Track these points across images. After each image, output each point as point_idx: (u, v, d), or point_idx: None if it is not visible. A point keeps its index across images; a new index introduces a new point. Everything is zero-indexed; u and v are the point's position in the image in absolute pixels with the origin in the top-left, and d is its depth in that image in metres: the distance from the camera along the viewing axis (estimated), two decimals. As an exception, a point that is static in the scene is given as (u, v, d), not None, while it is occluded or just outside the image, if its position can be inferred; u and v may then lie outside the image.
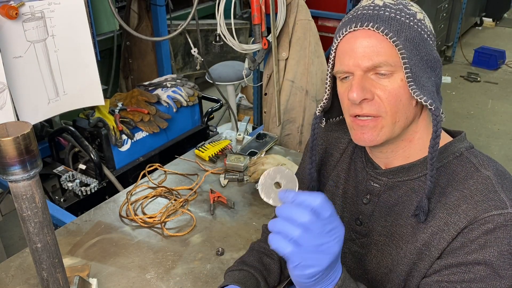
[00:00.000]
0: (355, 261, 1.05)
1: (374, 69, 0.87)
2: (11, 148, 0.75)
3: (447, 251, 0.87)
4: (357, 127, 0.91)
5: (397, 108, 0.88)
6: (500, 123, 4.28)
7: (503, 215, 0.82)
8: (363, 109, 0.89)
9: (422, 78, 0.87)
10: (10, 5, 1.61)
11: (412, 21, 0.87)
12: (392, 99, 0.87)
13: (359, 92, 0.87)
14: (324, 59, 2.36)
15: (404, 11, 0.88)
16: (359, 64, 0.87)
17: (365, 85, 0.88)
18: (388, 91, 0.87)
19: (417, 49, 0.86)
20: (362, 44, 0.87)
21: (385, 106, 0.88)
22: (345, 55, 0.90)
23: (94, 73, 1.98)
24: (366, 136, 0.91)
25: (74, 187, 2.04)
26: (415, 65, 0.86)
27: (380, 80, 0.87)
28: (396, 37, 0.85)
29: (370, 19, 0.86)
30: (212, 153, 1.92)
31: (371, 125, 0.89)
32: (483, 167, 0.90)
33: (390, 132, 0.90)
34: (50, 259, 0.88)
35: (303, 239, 0.71)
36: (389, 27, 0.85)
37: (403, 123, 0.90)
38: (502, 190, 0.86)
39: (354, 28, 0.87)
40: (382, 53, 0.85)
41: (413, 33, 0.86)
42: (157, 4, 3.00)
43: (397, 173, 0.97)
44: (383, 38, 0.85)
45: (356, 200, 1.04)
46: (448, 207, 0.88)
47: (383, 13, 0.86)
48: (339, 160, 1.11)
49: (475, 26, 7.01)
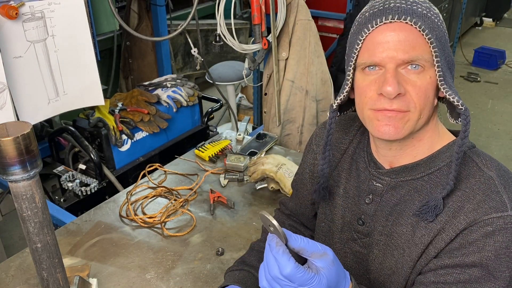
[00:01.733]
0: (356, 261, 1.05)
1: (407, 63, 0.86)
2: (11, 148, 0.75)
3: (445, 251, 0.87)
4: (383, 118, 0.88)
5: (424, 105, 0.87)
6: (500, 123, 4.27)
7: (503, 218, 0.82)
8: (393, 104, 0.86)
9: (448, 78, 0.87)
10: (10, 5, 1.61)
11: (439, 21, 0.87)
12: (422, 95, 0.86)
13: (395, 86, 0.84)
14: (324, 59, 2.35)
15: (432, 10, 0.87)
16: (394, 57, 0.85)
17: (398, 79, 0.86)
18: (418, 86, 0.86)
19: (443, 49, 0.87)
20: (398, 37, 0.85)
21: (415, 101, 0.86)
22: (378, 46, 0.86)
23: (94, 73, 1.98)
24: (391, 129, 0.88)
25: (74, 187, 2.04)
26: (443, 65, 0.86)
27: (409, 75, 0.86)
28: (431, 34, 0.84)
29: (407, 12, 0.85)
30: (212, 153, 1.92)
31: (398, 116, 0.87)
32: (486, 167, 0.90)
33: (414, 127, 0.89)
34: (50, 259, 0.88)
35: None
36: (425, 23, 0.84)
37: (425, 120, 0.90)
38: (504, 191, 0.85)
39: (390, 20, 0.85)
40: (417, 48, 0.85)
41: (440, 33, 0.87)
42: (157, 4, 3.00)
43: (400, 172, 0.97)
44: (419, 33, 0.84)
45: (358, 200, 1.04)
46: (450, 207, 0.88)
47: (417, 9, 0.85)
48: (340, 160, 1.10)
49: (475, 26, 7.01)
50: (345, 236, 1.06)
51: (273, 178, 1.66)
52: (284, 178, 1.63)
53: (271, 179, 1.68)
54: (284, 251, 0.73)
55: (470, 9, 6.23)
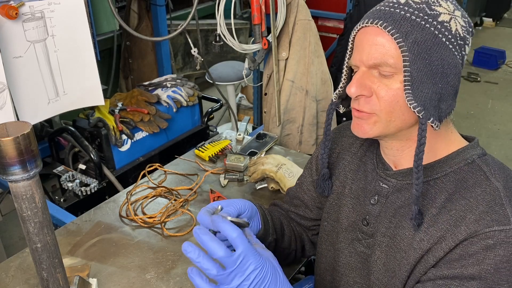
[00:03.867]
0: (360, 261, 1.05)
1: (376, 67, 0.87)
2: (11, 148, 0.75)
3: (444, 261, 0.87)
4: (354, 118, 0.95)
5: (392, 109, 0.88)
6: (500, 123, 4.27)
7: (504, 232, 0.81)
8: (359, 105, 0.91)
9: (423, 84, 0.84)
10: (10, 5, 1.61)
11: (429, 23, 0.83)
12: (388, 99, 0.87)
13: (356, 88, 0.89)
14: (324, 59, 2.35)
15: (424, 11, 0.84)
16: (363, 60, 0.88)
17: (365, 81, 0.88)
18: (386, 91, 0.87)
19: (426, 53, 0.83)
20: (369, 41, 0.87)
21: (380, 105, 0.88)
22: (356, 48, 0.91)
23: (94, 73, 1.98)
24: (359, 128, 0.93)
25: (74, 187, 2.04)
26: (419, 70, 0.83)
27: (381, 78, 0.87)
28: (403, 38, 0.83)
29: (382, 17, 0.85)
30: (212, 153, 1.92)
31: (365, 117, 0.92)
32: (494, 177, 0.89)
33: (384, 129, 0.91)
34: (50, 259, 0.88)
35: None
36: (397, 28, 0.83)
37: (400, 124, 0.90)
38: (509, 204, 0.84)
39: (366, 24, 0.87)
40: (386, 53, 0.85)
41: (426, 36, 0.83)
42: (157, 4, 3.00)
43: (406, 175, 0.97)
44: (391, 38, 0.84)
45: (364, 201, 1.04)
46: (452, 215, 0.87)
47: (399, 12, 0.85)
48: (349, 161, 1.12)
49: (475, 26, 7.01)
50: (350, 236, 1.06)
51: (273, 178, 1.66)
52: (284, 178, 1.63)
53: (271, 179, 1.68)
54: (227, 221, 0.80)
55: (470, 9, 6.23)
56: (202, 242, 0.78)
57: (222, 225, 0.79)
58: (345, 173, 1.11)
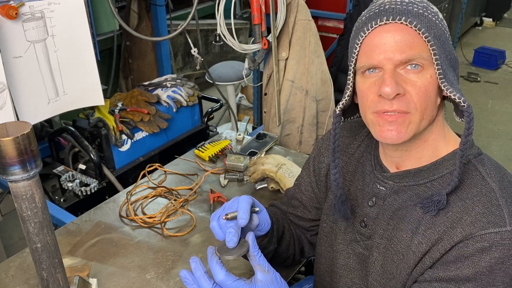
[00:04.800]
0: (359, 262, 1.05)
1: (405, 63, 0.85)
2: (11, 148, 0.75)
3: (440, 262, 0.87)
4: (385, 123, 0.88)
5: (426, 105, 0.87)
6: (500, 123, 4.27)
7: (500, 233, 0.81)
8: (393, 105, 0.86)
9: (450, 76, 0.87)
10: (10, 5, 1.61)
11: (437, 19, 0.87)
12: (422, 95, 0.86)
13: (393, 87, 0.84)
14: (324, 59, 2.35)
15: (429, 9, 0.88)
16: (391, 58, 0.85)
17: (396, 79, 0.85)
18: (419, 86, 0.85)
19: (443, 47, 0.86)
20: (394, 38, 0.85)
21: (415, 102, 0.86)
22: (375, 49, 0.86)
23: (94, 73, 1.98)
24: (393, 133, 0.88)
25: (74, 187, 2.04)
26: (444, 62, 0.86)
27: (409, 75, 0.86)
28: (428, 32, 0.84)
29: (402, 13, 0.85)
30: (212, 153, 1.92)
31: (399, 120, 0.87)
32: (489, 177, 0.89)
33: (417, 129, 0.88)
34: (50, 259, 0.88)
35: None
36: (421, 22, 0.84)
37: (429, 120, 0.89)
38: (505, 205, 0.84)
39: (385, 21, 0.85)
40: (414, 47, 0.84)
41: (439, 31, 0.86)
42: (157, 4, 3.00)
43: (404, 177, 0.97)
44: (415, 33, 0.84)
45: (361, 202, 1.04)
46: (449, 217, 0.88)
47: (412, 9, 0.86)
48: (346, 163, 1.11)
49: (475, 26, 7.01)
50: (348, 237, 1.06)
51: (273, 178, 1.66)
52: (284, 178, 1.63)
53: (271, 179, 1.68)
54: (217, 261, 0.82)
55: (470, 9, 6.23)
56: (195, 276, 0.83)
57: (210, 264, 0.83)
58: (343, 174, 1.10)
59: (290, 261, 1.26)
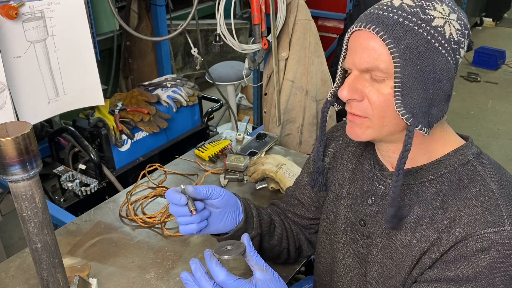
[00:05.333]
0: (358, 261, 1.05)
1: (368, 71, 0.87)
2: (11, 148, 0.75)
3: (439, 262, 0.87)
4: (348, 121, 0.95)
5: (383, 113, 0.87)
6: (500, 123, 4.28)
7: (499, 233, 0.82)
8: (352, 108, 0.91)
9: (414, 90, 0.83)
10: (10, 5, 1.61)
11: (422, 28, 0.82)
12: (379, 104, 0.87)
13: (348, 92, 0.89)
14: (324, 59, 2.35)
15: (417, 16, 0.83)
16: (355, 64, 0.88)
17: (357, 85, 0.88)
18: (377, 95, 0.87)
19: (419, 59, 0.82)
20: (361, 45, 0.86)
21: (372, 109, 0.88)
22: (349, 51, 0.90)
23: (94, 73, 1.98)
24: (353, 131, 0.94)
25: (74, 187, 2.04)
26: (409, 75, 0.83)
27: (373, 83, 0.87)
28: (394, 44, 0.82)
29: (375, 21, 0.84)
30: (212, 153, 1.92)
31: (357, 122, 0.92)
32: (488, 177, 0.89)
33: (377, 133, 0.91)
34: (50, 259, 0.88)
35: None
36: (389, 33, 0.82)
37: (392, 128, 0.90)
38: (504, 204, 0.84)
39: (359, 27, 0.87)
40: (377, 58, 0.84)
41: (418, 41, 0.82)
42: (157, 4, 3.00)
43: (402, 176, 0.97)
44: (383, 43, 0.83)
45: (361, 201, 1.04)
46: (447, 217, 0.88)
47: (392, 16, 0.83)
48: (346, 161, 1.12)
49: (475, 26, 7.01)
50: (348, 236, 1.07)
51: (273, 178, 1.66)
52: (284, 178, 1.63)
53: (271, 179, 1.68)
54: (217, 262, 0.82)
55: (470, 9, 6.23)
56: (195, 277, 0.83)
57: (209, 266, 0.83)
58: (343, 173, 1.11)
59: (285, 256, 1.25)
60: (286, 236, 1.23)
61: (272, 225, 1.19)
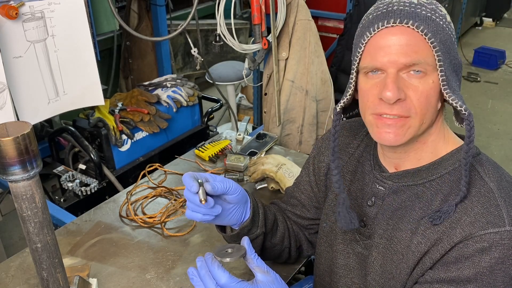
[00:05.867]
0: (358, 262, 1.05)
1: (409, 67, 0.85)
2: (11, 148, 0.75)
3: (440, 263, 0.87)
4: (383, 125, 0.88)
5: (426, 110, 0.86)
6: (500, 123, 4.27)
7: (499, 233, 0.82)
8: (394, 109, 0.86)
9: (452, 82, 0.86)
10: (10, 5, 1.61)
11: (445, 23, 0.86)
12: (423, 101, 0.85)
13: (395, 92, 0.84)
14: (324, 59, 2.35)
15: (437, 12, 0.86)
16: (395, 61, 0.84)
17: (399, 84, 0.85)
18: (420, 91, 0.85)
19: (448, 52, 0.85)
20: (399, 41, 0.84)
21: (416, 107, 0.86)
22: (379, 50, 0.86)
23: (94, 73, 1.98)
24: (391, 136, 0.88)
25: (74, 187, 2.04)
26: (447, 68, 0.85)
27: (411, 80, 0.85)
28: (434, 37, 0.83)
29: (409, 16, 0.83)
30: (212, 153, 1.92)
31: (399, 124, 0.87)
32: (488, 177, 0.89)
33: (416, 132, 0.89)
34: (50, 259, 0.88)
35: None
36: (428, 27, 0.83)
37: (428, 125, 0.89)
38: (504, 205, 0.84)
39: (392, 24, 0.84)
40: (419, 52, 0.83)
41: (445, 36, 0.85)
42: (157, 4, 3.00)
43: (402, 177, 0.97)
44: (421, 37, 0.83)
45: (361, 202, 1.04)
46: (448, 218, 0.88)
47: (420, 12, 0.84)
48: (346, 162, 1.11)
49: (475, 26, 7.01)
50: (348, 237, 1.07)
51: (273, 178, 1.66)
52: (284, 178, 1.63)
53: (271, 179, 1.68)
54: (219, 265, 0.82)
55: (470, 9, 6.22)
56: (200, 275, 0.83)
57: (211, 269, 0.83)
58: (343, 174, 1.10)
59: (285, 255, 1.25)
60: (288, 235, 1.23)
61: (275, 224, 1.19)
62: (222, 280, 0.80)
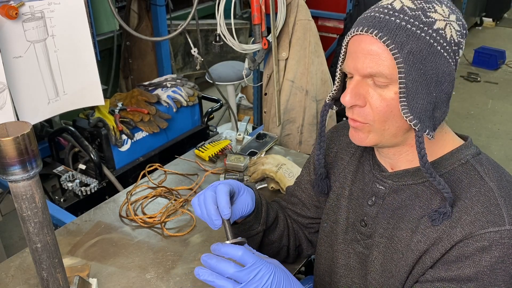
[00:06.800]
0: (359, 262, 1.05)
1: (370, 77, 0.86)
2: (11, 148, 0.75)
3: (441, 262, 0.87)
4: (351, 126, 0.95)
5: (385, 118, 0.87)
6: (500, 123, 4.28)
7: (499, 232, 0.82)
8: (353, 114, 0.91)
9: (418, 95, 0.83)
10: (10, 5, 1.61)
11: (425, 31, 0.81)
12: (382, 109, 0.86)
13: (351, 97, 0.88)
14: (324, 59, 2.35)
15: (419, 19, 0.82)
16: (358, 69, 0.86)
17: (360, 90, 0.87)
18: (381, 100, 0.86)
19: (422, 63, 0.82)
20: (364, 50, 0.85)
21: (374, 115, 0.87)
22: (349, 56, 0.89)
23: (94, 73, 1.98)
24: (357, 136, 0.94)
25: (74, 187, 2.04)
26: (414, 80, 0.82)
27: (375, 88, 0.86)
28: (398, 49, 0.81)
29: (377, 25, 0.83)
30: (212, 153, 1.92)
31: (359, 127, 0.92)
32: (488, 177, 0.89)
33: (379, 138, 0.91)
34: (50, 259, 0.88)
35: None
36: (393, 38, 0.81)
37: (394, 131, 0.89)
38: (504, 204, 0.84)
39: (360, 31, 0.85)
40: (381, 63, 0.83)
41: (421, 45, 0.81)
42: (157, 4, 3.00)
43: (402, 176, 0.97)
44: (386, 48, 0.82)
45: (362, 202, 1.05)
46: None
47: (394, 20, 0.82)
48: (348, 162, 1.12)
49: (475, 26, 7.01)
50: (349, 237, 1.07)
51: (273, 178, 1.66)
52: (284, 178, 1.63)
53: (271, 179, 1.68)
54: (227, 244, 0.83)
55: (470, 9, 6.23)
56: (211, 266, 0.81)
57: (224, 249, 0.82)
58: (344, 174, 1.11)
59: (284, 253, 1.25)
60: (287, 233, 1.23)
61: (276, 221, 1.19)
62: (239, 253, 0.80)
